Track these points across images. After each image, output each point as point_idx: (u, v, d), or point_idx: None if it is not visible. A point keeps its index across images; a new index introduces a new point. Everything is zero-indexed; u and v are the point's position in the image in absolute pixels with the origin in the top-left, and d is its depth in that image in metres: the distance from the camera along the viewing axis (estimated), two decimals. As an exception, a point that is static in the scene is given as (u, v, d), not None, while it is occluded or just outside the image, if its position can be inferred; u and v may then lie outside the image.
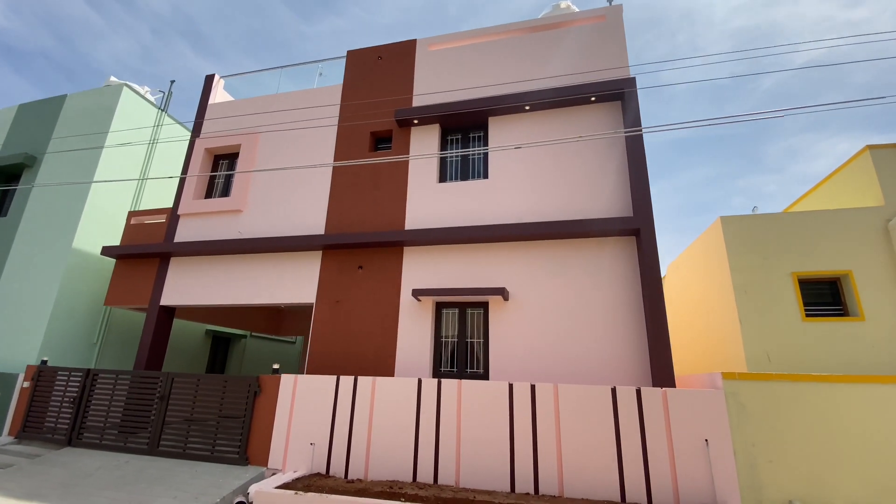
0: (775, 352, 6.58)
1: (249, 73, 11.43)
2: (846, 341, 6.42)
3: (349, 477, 6.46)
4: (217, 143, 10.49)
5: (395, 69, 9.89)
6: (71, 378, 8.24)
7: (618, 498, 5.61)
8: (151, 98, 12.22)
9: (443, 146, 9.26)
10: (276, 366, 7.46)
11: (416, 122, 9.15)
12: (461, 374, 7.71)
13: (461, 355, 7.85)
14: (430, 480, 6.19)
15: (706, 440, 5.51)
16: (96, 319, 10.52)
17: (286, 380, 7.17)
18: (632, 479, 5.63)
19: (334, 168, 9.44)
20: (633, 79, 8.01)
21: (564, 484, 5.78)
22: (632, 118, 7.80)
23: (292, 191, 9.58)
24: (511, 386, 6.33)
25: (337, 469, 6.55)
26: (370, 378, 6.87)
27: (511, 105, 8.57)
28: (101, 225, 10.71)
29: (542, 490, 5.83)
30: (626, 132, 7.57)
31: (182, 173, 10.44)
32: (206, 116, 10.87)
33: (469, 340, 7.91)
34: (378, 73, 9.98)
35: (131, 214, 10.47)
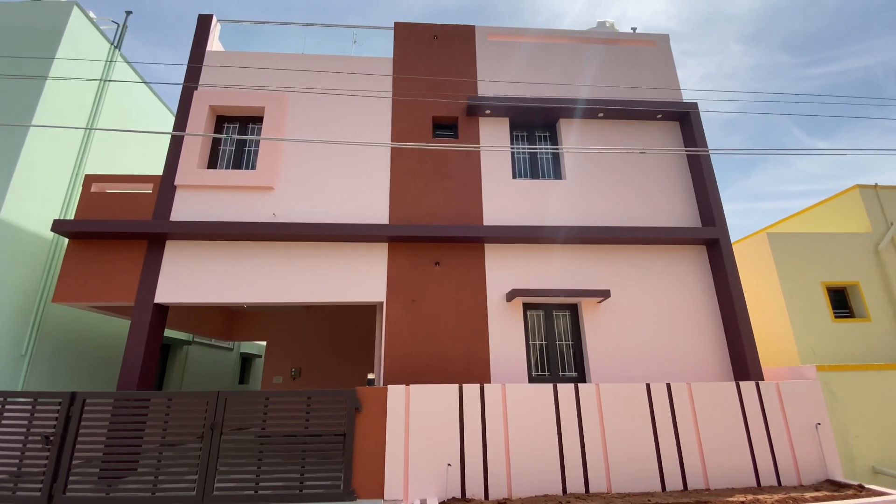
0: (816, 346, 7.96)
1: (257, 24, 9.38)
2: (860, 337, 8.12)
3: (490, 497, 5.76)
4: (225, 101, 8.36)
5: (455, 53, 9.21)
6: (38, 407, 5.67)
7: (754, 483, 6.12)
8: (100, 28, 9.10)
9: (511, 142, 8.93)
10: (370, 376, 6.28)
11: (488, 112, 8.65)
12: (555, 378, 7.50)
13: (552, 358, 7.65)
14: (582, 490, 5.88)
15: (818, 423, 6.39)
16: (25, 323, 7.38)
17: (395, 392, 6.07)
18: (762, 464, 6.19)
19: (392, 150, 8.35)
20: (696, 103, 8.88)
21: (709, 477, 6.08)
22: (698, 137, 8.62)
23: (340, 171, 8.15)
24: (648, 386, 6.41)
25: (474, 491, 5.78)
26: (497, 385, 6.25)
27: (588, 108, 8.71)
28: (38, 190, 7.60)
29: (689, 486, 6.03)
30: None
31: (174, 130, 8.02)
32: (206, 65, 8.60)
33: (559, 343, 7.76)
34: (436, 54, 9.17)
35: (90, 179, 7.66)
